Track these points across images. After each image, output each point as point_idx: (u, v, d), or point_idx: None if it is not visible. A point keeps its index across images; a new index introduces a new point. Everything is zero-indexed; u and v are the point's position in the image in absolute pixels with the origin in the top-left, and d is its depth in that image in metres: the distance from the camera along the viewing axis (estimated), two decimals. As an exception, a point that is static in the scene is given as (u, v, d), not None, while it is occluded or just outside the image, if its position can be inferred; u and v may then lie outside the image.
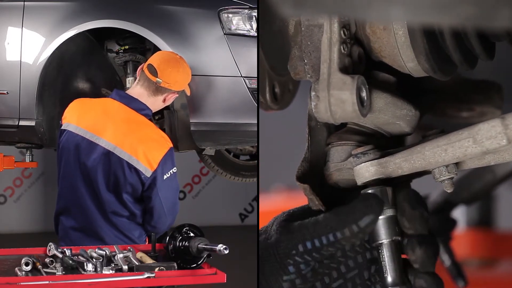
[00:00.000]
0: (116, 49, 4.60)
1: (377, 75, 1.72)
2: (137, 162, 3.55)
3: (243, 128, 4.33)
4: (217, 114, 4.31)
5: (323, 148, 1.75)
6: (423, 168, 1.63)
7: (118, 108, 3.66)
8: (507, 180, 2.11)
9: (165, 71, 3.70)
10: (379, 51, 1.67)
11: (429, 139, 1.64)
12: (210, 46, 4.29)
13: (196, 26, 4.29)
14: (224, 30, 4.29)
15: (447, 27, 1.58)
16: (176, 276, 3.07)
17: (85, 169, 3.60)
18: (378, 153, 1.67)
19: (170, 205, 3.69)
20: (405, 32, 1.62)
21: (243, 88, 4.27)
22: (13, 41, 4.50)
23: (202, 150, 4.92)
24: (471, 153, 1.59)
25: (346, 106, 1.61)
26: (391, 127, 1.71)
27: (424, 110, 1.80)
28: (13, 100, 4.49)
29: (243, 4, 4.35)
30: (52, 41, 4.41)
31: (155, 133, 3.68)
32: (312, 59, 1.68)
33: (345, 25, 1.66)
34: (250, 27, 4.32)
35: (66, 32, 4.38)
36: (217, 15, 4.30)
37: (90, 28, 4.36)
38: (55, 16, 4.44)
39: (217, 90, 4.29)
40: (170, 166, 3.61)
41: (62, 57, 4.49)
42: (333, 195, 1.76)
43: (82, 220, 3.66)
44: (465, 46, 1.62)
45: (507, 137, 1.54)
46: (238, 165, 5.52)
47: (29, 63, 4.45)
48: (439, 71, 1.65)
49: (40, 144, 4.63)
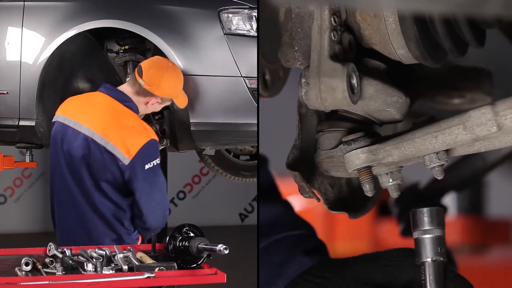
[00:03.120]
0: (116, 49, 4.59)
1: (367, 62, 1.72)
2: (113, 148, 3.58)
3: (243, 128, 4.32)
4: (217, 114, 4.30)
5: (314, 135, 1.75)
6: (413, 155, 1.63)
7: (102, 98, 3.75)
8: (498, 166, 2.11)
9: (150, 74, 3.76)
10: (370, 38, 1.67)
11: (420, 126, 1.64)
12: (210, 46, 4.29)
13: (196, 26, 4.29)
14: (224, 30, 4.28)
15: (437, 14, 1.58)
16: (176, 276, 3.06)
17: (69, 157, 3.66)
18: (369, 140, 1.67)
19: (158, 199, 3.68)
20: (395, 19, 1.62)
21: (243, 88, 4.26)
22: (13, 41, 4.50)
23: (202, 150, 4.92)
24: (461, 140, 1.58)
25: (337, 93, 1.61)
26: (382, 114, 1.71)
27: (415, 97, 1.81)
28: (13, 100, 4.49)
29: (243, 4, 4.34)
30: (52, 41, 4.40)
31: (138, 123, 3.70)
32: (302, 46, 1.68)
33: (335, 12, 1.65)
34: (250, 27, 4.32)
35: (66, 32, 4.38)
36: (217, 15, 4.29)
37: (90, 28, 4.36)
38: (55, 16, 4.44)
39: (217, 90, 4.28)
40: (152, 157, 3.61)
41: (62, 57, 4.48)
42: None
43: (72, 212, 3.68)
44: (456, 33, 1.62)
45: (497, 124, 1.53)
46: (238, 165, 5.51)
47: (29, 63, 4.44)
48: (430, 58, 1.65)
49: (40, 144, 4.62)
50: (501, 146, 1.63)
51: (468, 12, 1.06)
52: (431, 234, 1.67)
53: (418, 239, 1.69)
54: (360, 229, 2.76)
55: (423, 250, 1.68)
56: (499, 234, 2.31)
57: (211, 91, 4.28)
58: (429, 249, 1.67)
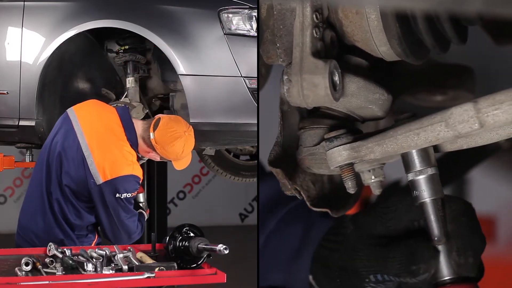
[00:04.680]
0: (116, 49, 4.61)
1: (349, 59, 1.71)
2: (91, 163, 3.51)
3: (243, 128, 4.32)
4: (217, 114, 4.31)
5: (296, 132, 1.74)
6: (395, 152, 1.63)
7: (112, 117, 3.64)
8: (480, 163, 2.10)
9: (162, 135, 3.61)
10: (352, 35, 1.67)
11: (402, 123, 1.63)
12: (210, 46, 4.29)
13: (196, 26, 4.30)
14: (224, 30, 4.29)
15: (419, 11, 1.58)
16: (176, 276, 3.07)
17: (54, 147, 3.63)
18: (351, 137, 1.66)
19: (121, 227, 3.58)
20: (377, 16, 1.62)
21: (243, 88, 4.27)
22: (13, 41, 4.52)
23: (202, 150, 4.92)
24: (443, 137, 1.58)
25: (319, 90, 1.61)
26: (364, 111, 1.71)
27: (397, 94, 1.80)
28: (13, 100, 4.50)
29: (243, 4, 4.35)
30: (52, 41, 4.42)
31: (129, 158, 3.58)
32: (284, 43, 1.68)
33: (318, 9, 1.65)
34: (250, 27, 4.32)
35: (66, 32, 4.39)
36: (217, 15, 4.30)
37: (90, 28, 4.37)
38: (55, 16, 4.46)
39: (217, 90, 4.29)
40: (126, 189, 3.52)
41: (62, 57, 4.50)
42: None
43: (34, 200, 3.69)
44: (438, 30, 1.61)
45: (479, 121, 1.53)
46: (238, 165, 5.51)
47: (29, 63, 4.46)
48: (412, 55, 1.65)
49: (40, 144, 4.62)
50: (483, 143, 1.63)
51: (450, 9, 1.05)
52: (424, 174, 1.66)
53: (413, 181, 1.68)
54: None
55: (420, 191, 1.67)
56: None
57: (211, 91, 4.28)
58: (426, 189, 1.67)
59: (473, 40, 1.65)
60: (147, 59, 4.54)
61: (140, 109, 4.42)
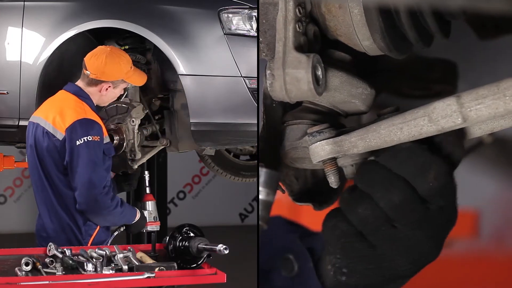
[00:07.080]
0: (116, 49, 4.61)
1: (332, 54, 1.71)
2: (49, 126, 3.73)
3: (243, 128, 4.32)
4: (217, 114, 4.31)
5: (279, 127, 1.74)
6: (378, 147, 1.62)
7: (61, 94, 3.94)
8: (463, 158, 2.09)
9: (92, 63, 3.90)
10: (335, 30, 1.66)
11: (385, 118, 1.62)
12: (210, 46, 4.29)
13: (196, 26, 4.30)
14: (224, 30, 4.29)
15: (403, 5, 1.58)
16: (176, 276, 3.08)
17: (36, 150, 3.81)
18: (334, 131, 1.65)
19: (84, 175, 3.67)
20: (360, 11, 1.61)
21: (243, 88, 4.26)
22: (13, 41, 4.53)
23: (202, 150, 4.92)
24: (426, 132, 1.57)
25: (302, 85, 1.60)
26: (347, 105, 1.70)
27: (380, 89, 1.79)
28: (13, 100, 4.52)
29: (243, 4, 4.35)
30: (52, 41, 4.43)
31: (80, 108, 3.81)
32: (267, 37, 1.67)
33: (300, 4, 1.65)
34: (250, 27, 4.32)
35: (66, 32, 4.41)
36: (217, 15, 4.30)
37: (90, 28, 4.38)
38: (55, 16, 4.47)
39: (217, 90, 4.29)
40: (83, 133, 3.68)
41: (62, 57, 4.51)
42: None
43: (42, 200, 3.84)
44: (421, 25, 1.60)
45: (462, 116, 1.52)
46: (238, 165, 5.51)
47: (29, 63, 4.47)
48: (395, 50, 1.64)
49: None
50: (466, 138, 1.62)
51: (433, 3, 1.05)
52: None
53: None
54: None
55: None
56: (463, 226, 2.29)
57: (211, 91, 4.28)
58: None
59: (456, 34, 1.65)
60: (147, 59, 4.53)
61: (140, 109, 4.42)
